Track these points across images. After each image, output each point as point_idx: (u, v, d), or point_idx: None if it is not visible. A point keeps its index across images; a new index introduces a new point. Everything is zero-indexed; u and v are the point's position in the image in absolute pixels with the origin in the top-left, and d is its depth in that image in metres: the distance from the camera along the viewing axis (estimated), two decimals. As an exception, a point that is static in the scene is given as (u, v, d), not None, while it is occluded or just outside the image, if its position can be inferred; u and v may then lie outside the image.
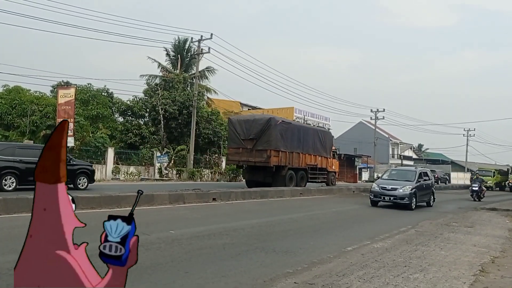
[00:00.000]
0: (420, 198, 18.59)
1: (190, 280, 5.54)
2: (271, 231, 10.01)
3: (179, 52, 42.60)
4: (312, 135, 26.37)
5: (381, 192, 18.06)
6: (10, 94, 33.05)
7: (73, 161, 18.15)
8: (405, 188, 17.64)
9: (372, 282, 5.77)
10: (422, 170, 20.21)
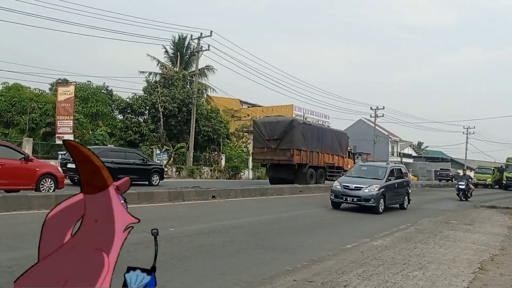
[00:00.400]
0: (390, 200, 15.68)
1: (190, 277, 5.55)
2: (270, 229, 10.02)
3: (179, 50, 42.58)
4: (330, 136, 27.86)
5: (343, 192, 14.98)
6: (9, 91, 33.05)
7: (149, 162, 21.27)
8: (371, 188, 14.66)
9: (371, 280, 5.78)
10: (395, 167, 17.20)
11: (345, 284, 5.52)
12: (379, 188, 14.75)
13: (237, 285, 5.32)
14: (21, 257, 5.83)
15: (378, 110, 57.99)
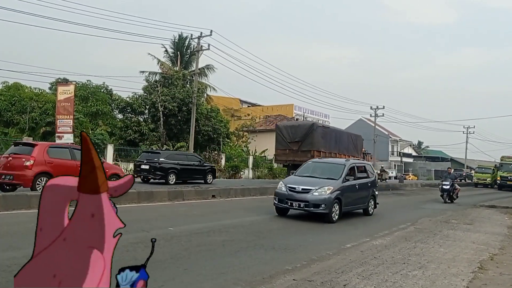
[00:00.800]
0: (350, 204, 12.73)
1: (189, 276, 5.55)
2: (270, 228, 10.02)
3: (179, 49, 42.54)
4: (346, 138, 29.63)
5: (289, 195, 11.79)
6: (9, 90, 33.04)
7: (204, 163, 23.54)
8: (322, 190, 11.55)
9: (370, 279, 5.78)
10: (357, 164, 14.02)
11: (345, 283, 5.52)
12: (333, 190, 11.69)
13: (236, 284, 5.32)
14: (20, 256, 5.82)
15: (378, 109, 57.95)
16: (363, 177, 13.79)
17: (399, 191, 29.56)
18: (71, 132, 24.63)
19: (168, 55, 43.09)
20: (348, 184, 12.52)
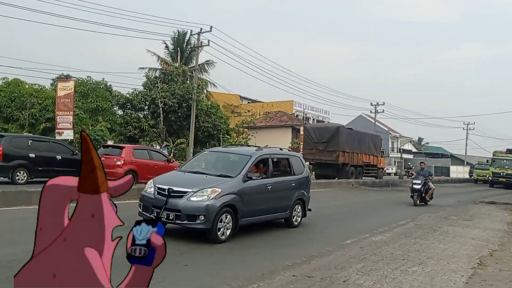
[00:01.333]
0: (256, 214, 8.70)
1: (190, 272, 5.56)
2: (270, 224, 10.02)
3: (179, 45, 42.47)
4: (367, 139, 32.20)
5: (155, 200, 7.85)
6: (9, 86, 33.00)
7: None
8: (203, 194, 7.71)
9: (370, 275, 5.79)
10: (272, 155, 9.85)
11: (344, 279, 5.53)
12: (221, 193, 7.75)
13: (236, 280, 5.33)
14: (20, 252, 5.83)
15: (378, 106, 57.91)
16: (284, 174, 9.94)
17: (399, 187, 29.58)
18: (71, 128, 24.61)
19: (168, 51, 43.04)
20: (253, 184, 8.56)
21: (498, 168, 36.91)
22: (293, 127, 52.23)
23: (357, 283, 5.41)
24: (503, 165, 36.68)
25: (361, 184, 28.22)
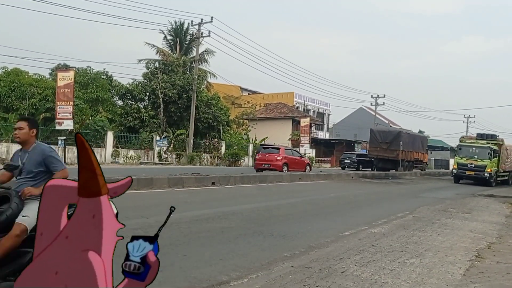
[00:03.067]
0: None
1: (188, 263, 5.59)
2: (269, 216, 10.06)
3: (178, 36, 42.32)
4: (418, 140, 40.71)
5: None
6: (9, 76, 32.94)
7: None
8: None
9: (368, 267, 5.82)
10: None
11: (343, 270, 5.57)
12: None
13: (235, 270, 5.36)
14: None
15: (379, 98, 57.86)
16: None
17: (398, 180, 29.63)
18: (70, 118, 24.60)
19: (167, 41, 42.88)
20: None
21: (465, 159, 29.13)
22: (293, 119, 52.22)
23: (355, 274, 5.44)
24: (472, 154, 29.06)
25: (360, 177, 28.27)
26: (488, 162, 28.05)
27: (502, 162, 30.17)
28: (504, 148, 30.59)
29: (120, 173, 15.59)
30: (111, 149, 29.10)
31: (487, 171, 27.85)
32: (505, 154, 30.74)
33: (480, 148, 29.19)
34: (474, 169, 28.33)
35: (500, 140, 31.14)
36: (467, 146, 30.05)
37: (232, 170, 24.76)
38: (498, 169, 29.65)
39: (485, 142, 29.80)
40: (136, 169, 23.91)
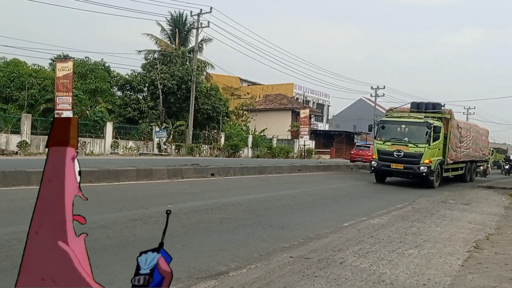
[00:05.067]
0: None
1: (187, 253, 5.60)
2: (268, 206, 10.07)
3: (177, 26, 42.10)
4: None
5: None
6: (8, 67, 32.82)
7: None
8: None
9: (367, 257, 5.84)
10: None
11: (341, 261, 5.58)
12: None
13: (234, 261, 5.37)
14: (19, 231, 5.86)
15: (379, 89, 57.76)
16: None
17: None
18: (70, 109, 24.53)
19: (166, 32, 42.67)
20: None
21: (389, 143, 18.08)
22: (293, 110, 52.18)
23: (354, 264, 5.45)
24: (401, 135, 18.06)
25: (360, 168, 28.30)
26: (426, 147, 17.21)
27: (451, 148, 19.00)
28: (454, 126, 19.30)
29: (120, 163, 15.59)
30: (111, 140, 29.06)
31: (423, 163, 17.18)
32: (456, 135, 19.68)
33: (413, 125, 17.94)
34: (403, 159, 17.46)
35: (447, 112, 19.15)
36: (394, 123, 18.58)
37: (231, 161, 24.76)
38: (444, 159, 18.61)
39: (423, 116, 18.45)
40: (136, 160, 23.90)
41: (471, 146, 22.11)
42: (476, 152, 23.42)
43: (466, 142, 21.24)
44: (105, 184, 11.65)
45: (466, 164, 22.23)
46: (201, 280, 4.60)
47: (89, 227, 2.25)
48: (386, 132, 18.38)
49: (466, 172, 22.57)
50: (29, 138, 24.48)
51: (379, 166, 18.15)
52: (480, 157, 24.89)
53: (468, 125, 22.61)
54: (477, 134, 23.45)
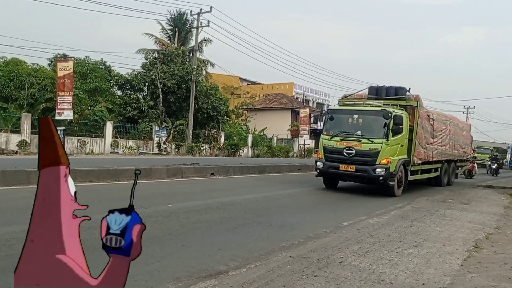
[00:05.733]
0: None
1: (187, 252, 5.60)
2: (268, 206, 10.08)
3: (176, 26, 42.07)
4: None
5: None
6: (7, 66, 32.81)
7: None
8: None
9: (366, 257, 5.84)
10: None
11: (341, 260, 5.59)
12: None
13: (233, 260, 5.38)
14: (19, 230, 5.87)
15: (378, 88, 57.65)
16: None
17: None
18: (70, 109, 24.54)
19: (166, 31, 42.63)
20: None
21: (337, 139, 13.90)
22: (292, 110, 52.15)
23: (353, 264, 5.46)
24: (353, 128, 13.99)
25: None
26: (383, 143, 13.15)
27: (419, 144, 14.83)
28: (423, 117, 15.17)
29: (120, 163, 15.58)
30: (110, 140, 29.04)
31: (380, 164, 13.18)
32: (427, 129, 15.54)
33: (367, 115, 13.87)
34: (355, 159, 13.43)
35: (414, 99, 14.83)
36: (344, 113, 14.37)
37: (231, 161, 24.76)
38: (410, 159, 14.48)
39: (381, 103, 14.20)
40: (136, 159, 23.89)
41: (448, 142, 17.99)
42: (455, 150, 19.14)
43: (441, 138, 17.06)
44: (105, 183, 11.65)
45: (442, 164, 18.18)
46: (200, 279, 4.60)
47: (89, 226, 2.26)
48: (335, 125, 14.11)
49: (442, 174, 18.41)
50: (29, 137, 24.48)
51: (325, 168, 13.91)
52: (461, 155, 20.42)
53: (443, 116, 18.03)
54: (456, 128, 19.21)
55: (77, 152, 24.48)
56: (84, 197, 2.27)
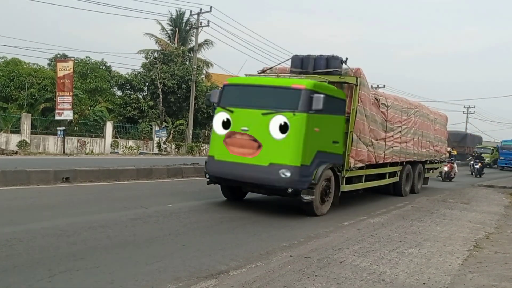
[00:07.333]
0: None
1: (187, 252, 5.60)
2: (268, 206, 10.08)
3: (177, 26, 42.02)
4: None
5: None
6: (7, 66, 32.81)
7: None
8: None
9: (367, 256, 5.84)
10: None
11: (341, 260, 5.59)
12: None
13: (234, 260, 5.38)
14: (20, 231, 5.88)
15: (378, 88, 57.61)
16: None
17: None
18: (70, 109, 24.56)
19: (166, 31, 42.58)
20: None
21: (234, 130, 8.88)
22: (293, 110, 51.97)
23: (354, 264, 5.46)
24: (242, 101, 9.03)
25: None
26: (296, 136, 8.29)
27: (358, 140, 10.11)
28: (366, 100, 10.42)
29: (120, 163, 15.55)
30: (110, 140, 29.05)
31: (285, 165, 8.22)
32: (374, 118, 11.07)
33: (273, 93, 8.84)
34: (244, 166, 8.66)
35: (353, 74, 10.22)
36: (242, 91, 9.39)
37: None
38: (343, 160, 9.74)
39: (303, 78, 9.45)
40: (136, 159, 23.87)
41: (411, 138, 13.61)
42: (422, 148, 14.66)
43: (400, 131, 12.78)
44: (105, 183, 11.64)
45: (403, 167, 13.55)
46: (201, 279, 4.60)
47: (89, 226, 2.26)
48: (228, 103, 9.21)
49: (403, 180, 13.69)
50: (29, 137, 24.49)
51: (215, 170, 9.63)
52: (431, 155, 15.86)
53: (404, 103, 13.33)
54: (424, 120, 14.80)
55: (77, 152, 24.47)
56: (84, 197, 2.29)
